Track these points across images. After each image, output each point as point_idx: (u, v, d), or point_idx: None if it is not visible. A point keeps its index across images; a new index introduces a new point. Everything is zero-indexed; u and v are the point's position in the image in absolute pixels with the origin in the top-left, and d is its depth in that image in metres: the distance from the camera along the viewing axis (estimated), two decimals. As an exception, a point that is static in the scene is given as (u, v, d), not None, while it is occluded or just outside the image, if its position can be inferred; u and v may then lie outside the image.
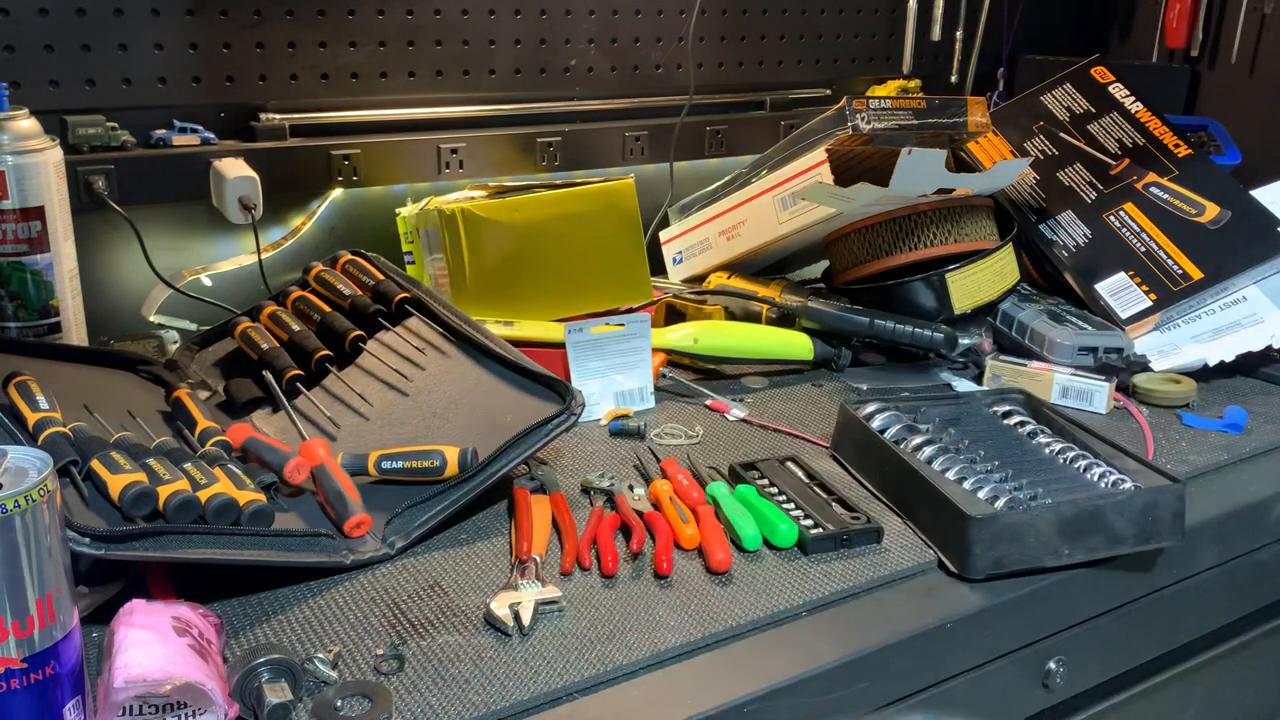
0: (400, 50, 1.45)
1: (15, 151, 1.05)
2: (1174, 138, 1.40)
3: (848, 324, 1.26)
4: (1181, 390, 1.21)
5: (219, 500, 0.77)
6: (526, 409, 0.94)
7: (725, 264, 1.44)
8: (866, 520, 0.90)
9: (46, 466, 0.58)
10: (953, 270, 1.27)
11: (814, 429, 1.12)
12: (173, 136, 1.31)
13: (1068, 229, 1.38)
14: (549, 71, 1.57)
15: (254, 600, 0.78)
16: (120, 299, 1.33)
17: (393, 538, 0.85)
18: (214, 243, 1.39)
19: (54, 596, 0.57)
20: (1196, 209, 1.34)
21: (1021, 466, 0.97)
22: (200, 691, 0.61)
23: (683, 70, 1.66)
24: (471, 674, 0.71)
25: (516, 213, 1.23)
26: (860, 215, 1.30)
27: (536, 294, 1.24)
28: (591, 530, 0.88)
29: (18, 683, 0.57)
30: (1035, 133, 1.47)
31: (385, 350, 1.07)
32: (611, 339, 1.14)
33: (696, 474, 0.99)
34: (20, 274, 1.08)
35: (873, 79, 1.89)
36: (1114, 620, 0.94)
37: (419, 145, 1.46)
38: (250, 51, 1.35)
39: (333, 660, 0.71)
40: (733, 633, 0.77)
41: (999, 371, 1.22)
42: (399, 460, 0.90)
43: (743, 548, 0.87)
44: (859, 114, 1.29)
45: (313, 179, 1.40)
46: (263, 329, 1.09)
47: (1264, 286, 1.30)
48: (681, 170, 1.67)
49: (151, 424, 0.96)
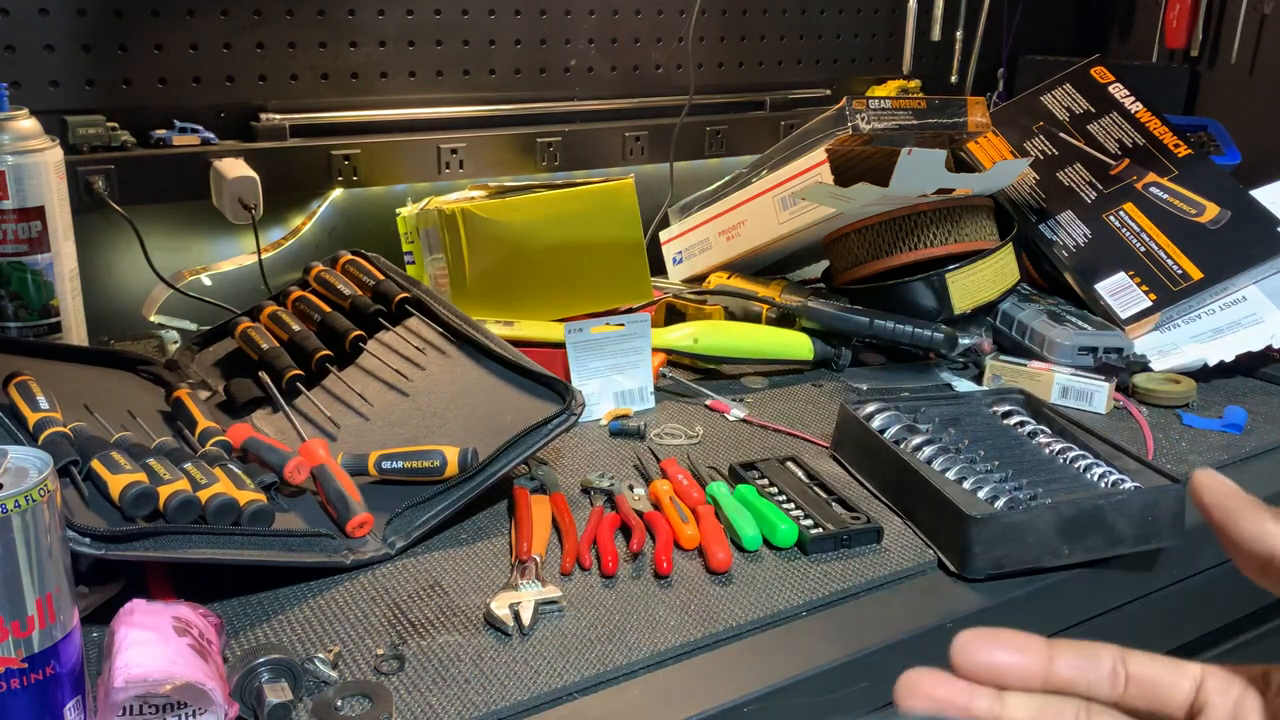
0: (400, 50, 1.45)
1: (15, 151, 1.05)
2: (1174, 138, 1.40)
3: (848, 324, 1.26)
4: (1181, 390, 1.21)
5: (219, 500, 0.77)
6: (526, 409, 0.94)
7: (725, 264, 1.44)
8: (866, 520, 0.90)
9: (47, 466, 0.58)
10: (953, 270, 1.27)
11: (814, 429, 1.12)
12: (173, 136, 1.31)
13: (1068, 229, 1.38)
14: (549, 71, 1.57)
15: (254, 600, 0.78)
16: (120, 299, 1.34)
17: (393, 538, 0.85)
18: (214, 243, 1.39)
19: (54, 596, 0.57)
20: (1196, 209, 1.34)
21: (1021, 466, 0.97)
22: (200, 691, 0.61)
23: (683, 70, 1.66)
24: (471, 674, 0.71)
25: (516, 213, 1.23)
26: (860, 215, 1.30)
27: (536, 294, 1.24)
28: (591, 530, 0.88)
29: (18, 683, 0.57)
30: (1035, 133, 1.47)
31: (385, 350, 1.07)
32: (611, 339, 1.14)
33: (696, 474, 0.99)
34: (20, 274, 1.08)
35: (873, 79, 1.89)
36: (1114, 620, 0.94)
37: (419, 145, 1.46)
38: (250, 51, 1.35)
39: (333, 660, 0.71)
40: (733, 633, 0.77)
41: (999, 371, 1.22)
42: (399, 460, 0.90)
43: (743, 548, 0.87)
44: (859, 114, 1.29)
45: (313, 179, 1.40)
46: (263, 329, 1.09)
47: (1264, 286, 1.30)
48: (681, 170, 1.67)
49: (151, 424, 0.96)
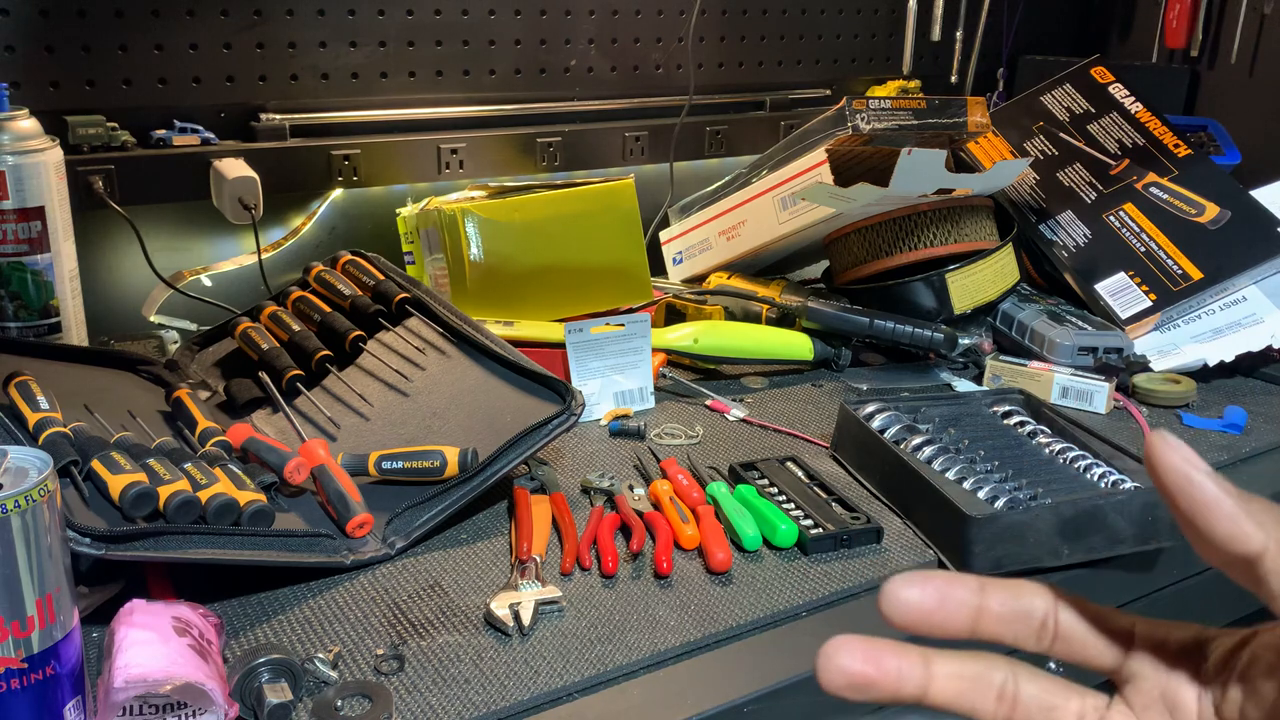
0: (400, 50, 1.45)
1: (15, 152, 1.05)
2: (1174, 138, 1.40)
3: (848, 324, 1.26)
4: (1181, 390, 1.21)
5: (219, 500, 0.77)
6: (526, 409, 0.94)
7: (725, 264, 1.44)
8: (866, 520, 0.90)
9: (47, 466, 0.58)
10: (953, 270, 1.27)
11: (814, 429, 1.12)
12: (173, 136, 1.31)
13: (1068, 229, 1.38)
14: (549, 71, 1.57)
15: (254, 600, 0.78)
16: (120, 299, 1.34)
17: (393, 538, 0.85)
18: (214, 243, 1.39)
19: (54, 596, 0.57)
20: (1196, 209, 1.34)
21: (1021, 466, 0.97)
22: (200, 691, 0.61)
23: (683, 70, 1.66)
24: (471, 674, 0.71)
25: (516, 213, 1.23)
26: (860, 215, 1.30)
27: (536, 294, 1.24)
28: (591, 530, 0.88)
29: (18, 683, 0.57)
30: (1035, 133, 1.47)
31: (385, 350, 1.07)
32: (611, 339, 1.14)
33: (696, 474, 0.99)
34: (20, 274, 1.08)
35: (873, 79, 1.89)
36: (1114, 620, 0.94)
37: (419, 145, 1.46)
38: (250, 51, 1.35)
39: (333, 660, 0.71)
40: (733, 633, 0.77)
41: (999, 371, 1.22)
42: (399, 460, 0.90)
43: (743, 548, 0.87)
44: (859, 114, 1.29)
45: (313, 179, 1.40)
46: (263, 329, 1.09)
47: (1264, 286, 1.30)
48: (681, 170, 1.67)
49: (152, 424, 0.96)
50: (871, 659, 0.32)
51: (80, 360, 1.08)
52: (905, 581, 0.33)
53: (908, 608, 0.33)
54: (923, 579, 0.33)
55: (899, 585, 0.33)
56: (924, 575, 0.33)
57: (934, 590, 0.33)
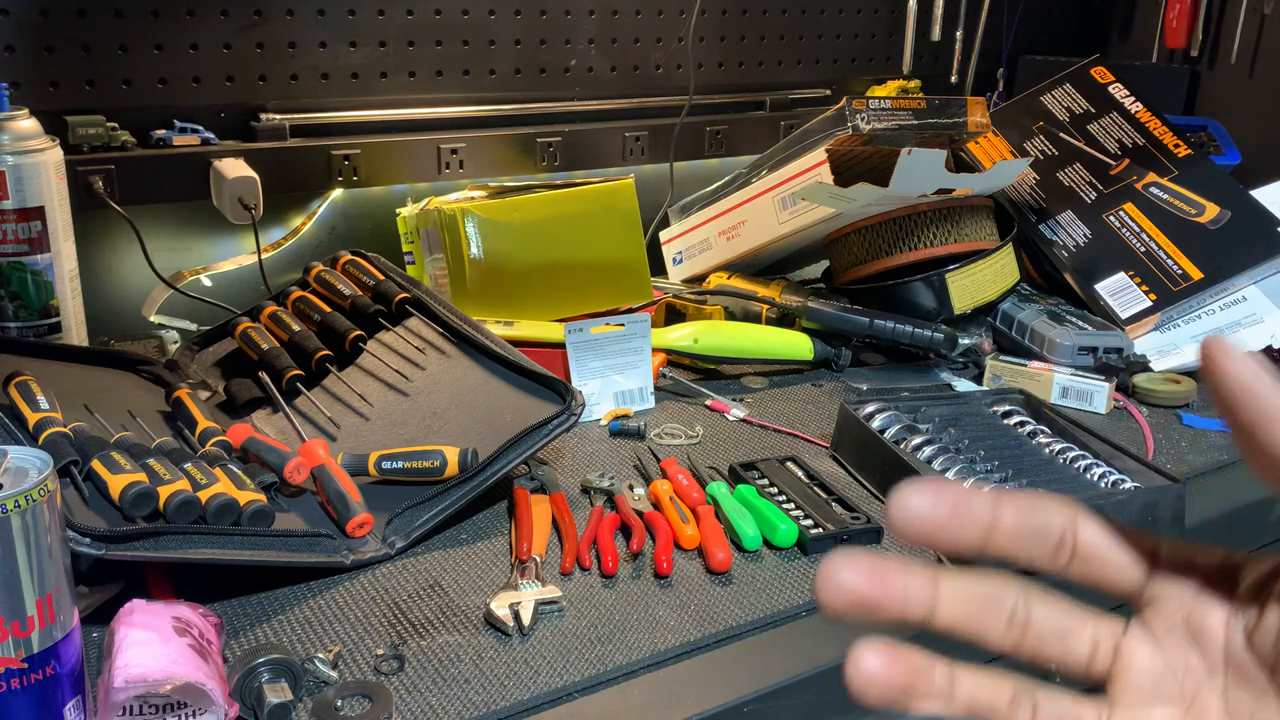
0: (400, 50, 1.45)
1: (15, 152, 1.05)
2: (1174, 138, 1.40)
3: (848, 324, 1.26)
4: (1181, 390, 1.21)
5: (219, 500, 0.77)
6: (526, 409, 0.94)
7: (725, 264, 1.44)
8: (866, 520, 0.90)
9: (47, 466, 0.58)
10: (953, 270, 1.27)
11: (814, 429, 1.12)
12: (173, 136, 1.31)
13: (1068, 229, 1.38)
14: (549, 71, 1.57)
15: (254, 600, 0.78)
16: (120, 299, 1.33)
17: (393, 538, 0.85)
18: (214, 243, 1.39)
19: (54, 596, 0.57)
20: (1196, 209, 1.34)
21: (1021, 466, 0.97)
22: (200, 691, 0.61)
23: (683, 70, 1.66)
24: (471, 674, 0.71)
25: (516, 212, 1.23)
26: (860, 215, 1.30)
27: (536, 294, 1.24)
28: (591, 530, 0.88)
29: (18, 683, 0.57)
30: (1035, 133, 1.47)
31: (385, 350, 1.07)
32: (611, 339, 1.14)
33: (696, 474, 0.99)
34: (20, 274, 1.08)
35: (873, 79, 1.89)
36: (1114, 620, 0.94)
37: (419, 145, 1.46)
38: (250, 51, 1.35)
39: (333, 660, 0.71)
40: (733, 633, 0.77)
41: (999, 371, 1.22)
42: (399, 460, 0.90)
43: (743, 548, 0.87)
44: (859, 114, 1.29)
45: (313, 179, 1.40)
46: (263, 329, 1.09)
47: (1264, 286, 1.31)
48: (681, 170, 1.67)
49: (152, 424, 0.96)
50: (877, 577, 0.30)
51: (80, 360, 1.08)
52: (917, 490, 0.30)
53: (919, 518, 0.30)
54: (936, 487, 0.30)
55: (910, 493, 0.30)
56: (937, 484, 0.31)
57: (947, 501, 0.30)
